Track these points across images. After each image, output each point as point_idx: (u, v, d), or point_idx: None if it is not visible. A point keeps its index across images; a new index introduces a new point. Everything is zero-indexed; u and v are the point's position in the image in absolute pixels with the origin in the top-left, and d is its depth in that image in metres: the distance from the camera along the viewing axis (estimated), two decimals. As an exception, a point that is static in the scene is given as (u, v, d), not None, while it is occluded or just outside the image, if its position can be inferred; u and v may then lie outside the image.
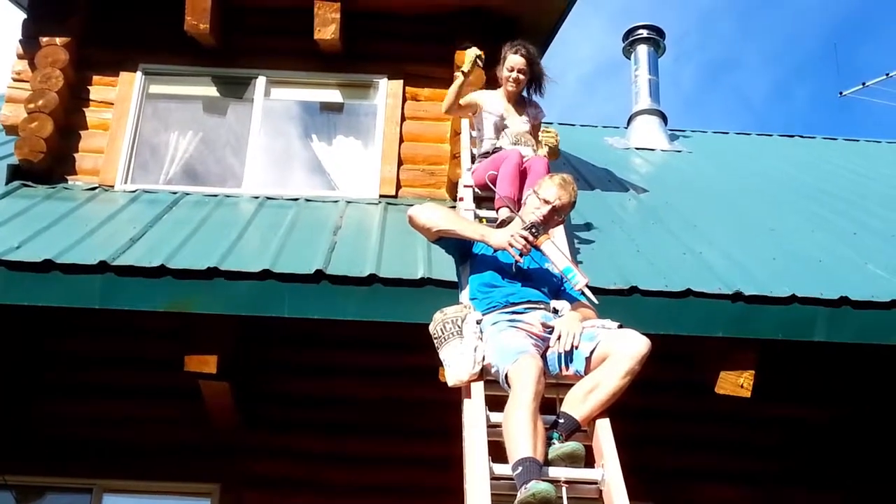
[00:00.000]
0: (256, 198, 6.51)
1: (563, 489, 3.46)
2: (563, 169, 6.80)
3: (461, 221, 4.36)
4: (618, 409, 3.75)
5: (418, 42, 6.97)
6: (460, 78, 5.73)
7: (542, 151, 5.72)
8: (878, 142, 10.94)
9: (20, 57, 6.81)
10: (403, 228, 4.81)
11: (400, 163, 6.74)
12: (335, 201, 6.51)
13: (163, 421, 5.42)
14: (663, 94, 10.71)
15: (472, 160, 5.80)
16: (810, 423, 5.58)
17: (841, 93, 11.97)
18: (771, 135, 10.95)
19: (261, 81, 7.00)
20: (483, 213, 5.35)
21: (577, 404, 3.71)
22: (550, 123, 8.16)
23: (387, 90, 6.93)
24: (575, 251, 5.31)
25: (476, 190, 5.47)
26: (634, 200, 7.06)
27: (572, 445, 3.58)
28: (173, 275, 4.77)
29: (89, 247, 5.11)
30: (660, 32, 10.70)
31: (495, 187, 5.10)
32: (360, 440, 5.42)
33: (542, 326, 3.95)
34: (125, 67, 6.92)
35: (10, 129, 6.66)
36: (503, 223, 4.65)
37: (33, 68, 6.67)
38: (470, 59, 5.71)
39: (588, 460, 3.60)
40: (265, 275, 4.77)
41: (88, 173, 6.67)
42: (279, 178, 6.86)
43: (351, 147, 6.99)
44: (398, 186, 6.67)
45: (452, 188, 6.45)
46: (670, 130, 10.20)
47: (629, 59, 10.75)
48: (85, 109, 6.82)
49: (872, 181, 8.58)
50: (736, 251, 5.63)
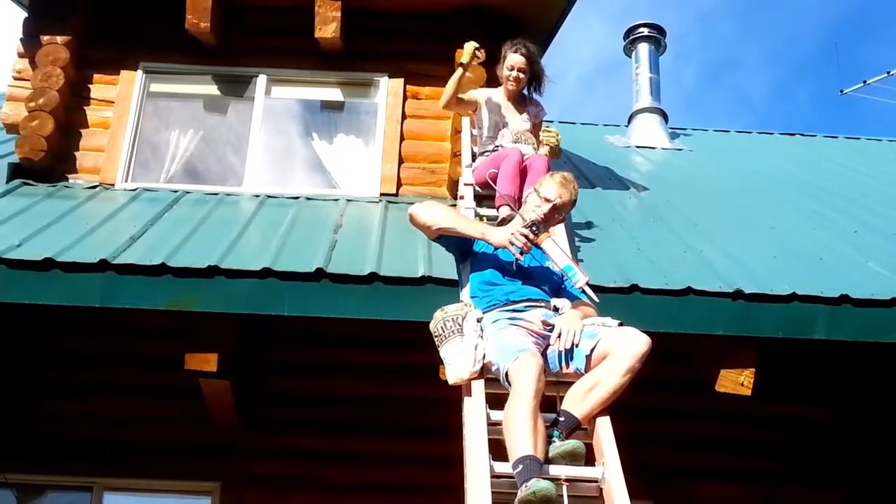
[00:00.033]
0: (257, 196, 6.51)
1: (564, 487, 3.47)
2: (564, 167, 6.81)
3: (462, 219, 4.37)
4: (618, 407, 3.75)
5: (419, 40, 6.97)
6: (459, 70, 5.70)
7: (543, 151, 5.72)
8: (878, 140, 10.92)
9: (21, 55, 6.81)
10: (404, 227, 4.81)
11: (401, 161, 6.74)
12: (336, 200, 6.50)
13: (163, 419, 5.42)
14: (664, 92, 10.69)
15: (473, 158, 5.80)
16: (810, 421, 5.58)
17: (842, 91, 11.95)
18: (772, 133, 10.93)
19: (261, 80, 7.00)
20: (484, 211, 5.35)
21: (577, 402, 3.71)
22: (551, 122, 8.16)
23: (387, 88, 6.92)
24: (575, 249, 5.32)
25: (476, 188, 5.47)
26: (635, 198, 7.05)
27: (573, 443, 3.58)
28: (174, 273, 4.77)
29: (90, 245, 5.11)
30: (661, 31, 10.68)
31: (496, 185, 5.10)
32: (360, 438, 5.42)
33: (543, 324, 3.96)
34: (126, 66, 6.92)
35: (11, 128, 6.66)
36: (504, 221, 4.65)
37: (34, 67, 6.67)
38: (469, 51, 5.68)
39: (588, 458, 3.61)
40: (265, 273, 4.77)
41: (89, 172, 6.67)
42: (280, 176, 6.86)
43: (351, 145, 6.99)
44: (399, 185, 6.66)
45: (453, 186, 6.45)
46: (671, 129, 10.18)
47: (630, 57, 10.74)
48: (86, 108, 6.82)
49: (873, 179, 8.57)
50: (736, 249, 5.63)
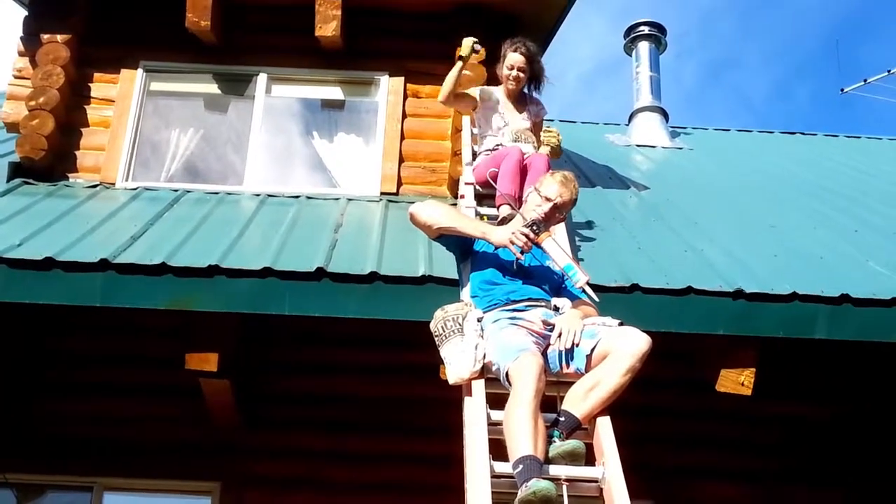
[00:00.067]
0: (257, 195, 6.50)
1: (564, 487, 3.47)
2: (565, 166, 6.80)
3: (462, 219, 4.37)
4: (618, 406, 3.75)
5: (419, 39, 6.96)
6: (458, 64, 5.69)
7: (543, 151, 5.71)
8: (879, 138, 10.91)
9: (21, 54, 6.80)
10: (404, 226, 4.81)
11: (401, 160, 6.73)
12: (336, 199, 6.50)
13: (163, 419, 5.42)
14: (664, 91, 10.69)
15: (473, 157, 5.79)
16: (811, 420, 5.58)
17: (842, 89, 11.95)
18: (772, 132, 10.92)
19: (262, 78, 6.99)
20: (484, 210, 5.35)
21: (577, 402, 3.71)
22: (551, 121, 8.17)
23: (388, 87, 6.91)
24: (576, 248, 5.31)
25: (477, 187, 5.47)
26: (635, 198, 7.05)
27: (573, 443, 3.58)
28: (174, 272, 4.76)
29: (90, 244, 5.10)
30: (661, 29, 10.67)
31: (496, 184, 5.10)
32: (360, 438, 5.42)
33: (543, 324, 3.96)
34: (126, 64, 6.91)
35: (12, 127, 6.65)
36: (504, 220, 4.64)
37: (34, 66, 6.66)
38: (467, 45, 5.67)
39: (589, 458, 3.61)
40: (266, 272, 4.76)
41: (89, 171, 6.66)
42: (280, 175, 6.85)
43: (352, 144, 6.98)
44: (399, 184, 6.66)
45: (453, 185, 6.44)
46: (671, 127, 10.17)
47: (630, 56, 10.73)
48: (86, 107, 6.81)
49: (874, 178, 8.56)
50: (737, 248, 5.62)
